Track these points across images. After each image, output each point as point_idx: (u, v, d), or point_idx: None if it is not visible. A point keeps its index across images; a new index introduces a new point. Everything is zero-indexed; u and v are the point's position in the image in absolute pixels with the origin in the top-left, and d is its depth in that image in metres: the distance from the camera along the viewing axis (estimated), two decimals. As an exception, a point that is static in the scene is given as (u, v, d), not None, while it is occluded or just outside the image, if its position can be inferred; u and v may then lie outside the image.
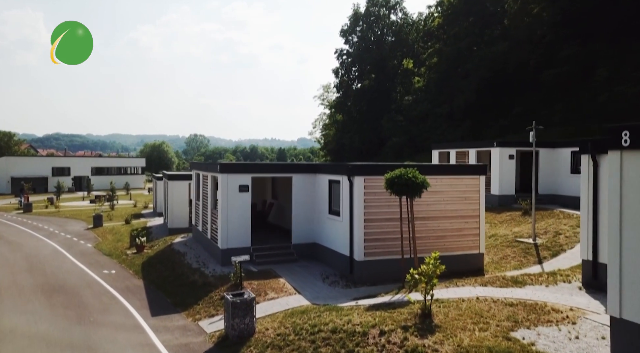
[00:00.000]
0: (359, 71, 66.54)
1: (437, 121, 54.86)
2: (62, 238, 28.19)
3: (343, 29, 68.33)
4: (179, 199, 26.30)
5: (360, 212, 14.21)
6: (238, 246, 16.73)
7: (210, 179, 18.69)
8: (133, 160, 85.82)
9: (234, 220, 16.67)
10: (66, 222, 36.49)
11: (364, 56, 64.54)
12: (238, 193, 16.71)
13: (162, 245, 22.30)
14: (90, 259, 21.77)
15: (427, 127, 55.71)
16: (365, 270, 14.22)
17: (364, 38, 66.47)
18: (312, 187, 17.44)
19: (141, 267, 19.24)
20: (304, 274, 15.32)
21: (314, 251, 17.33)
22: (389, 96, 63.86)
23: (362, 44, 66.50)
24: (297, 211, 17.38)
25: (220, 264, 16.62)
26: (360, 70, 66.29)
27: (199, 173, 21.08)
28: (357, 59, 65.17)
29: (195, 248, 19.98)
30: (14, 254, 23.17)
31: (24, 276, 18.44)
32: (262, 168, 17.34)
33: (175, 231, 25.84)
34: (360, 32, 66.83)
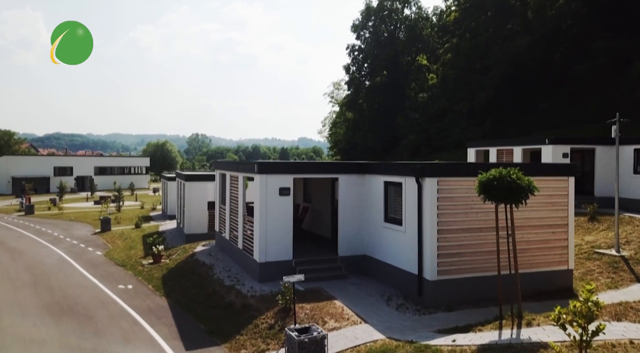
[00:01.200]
0: (371, 67, 64.02)
1: (456, 119, 52.37)
2: (68, 245, 25.72)
3: (354, 24, 65.84)
4: (197, 203, 23.82)
5: (433, 221, 11.76)
6: (278, 259, 14.27)
7: (242, 180, 16.21)
8: (137, 159, 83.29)
9: (273, 229, 14.20)
10: (71, 225, 34.02)
11: (377, 51, 62.06)
12: (278, 197, 14.24)
13: (182, 254, 19.83)
14: (102, 270, 19.30)
15: (445, 125, 53.24)
16: (439, 292, 11.77)
17: (377, 33, 63.97)
18: (362, 190, 14.98)
19: (162, 281, 16.78)
20: (360, 294, 12.86)
21: (365, 265, 14.87)
22: (403, 93, 61.41)
23: (374, 39, 64.01)
24: (345, 218, 14.92)
25: (258, 280, 14.16)
26: (372, 66, 63.76)
27: (225, 174, 18.61)
28: (370, 55, 62.67)
29: (222, 260, 17.51)
30: (15, 264, 20.70)
31: (27, 293, 15.96)
32: (304, 168, 14.89)
33: (193, 237, 23.37)
34: (373, 27, 64.33)
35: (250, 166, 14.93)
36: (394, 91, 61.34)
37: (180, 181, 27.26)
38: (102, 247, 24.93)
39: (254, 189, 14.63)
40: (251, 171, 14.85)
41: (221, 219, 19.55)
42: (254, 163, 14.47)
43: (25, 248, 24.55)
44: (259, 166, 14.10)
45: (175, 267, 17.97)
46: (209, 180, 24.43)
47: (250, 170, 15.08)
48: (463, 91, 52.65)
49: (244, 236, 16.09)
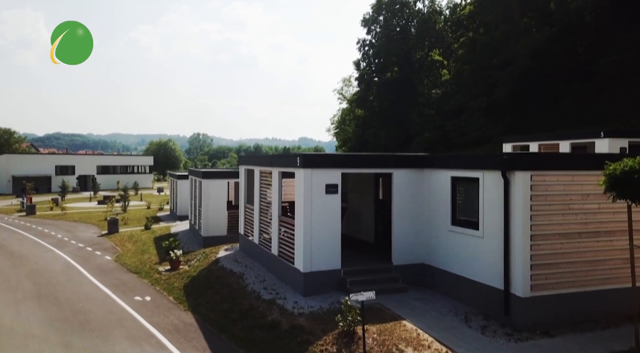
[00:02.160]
0: (382, 62, 61.83)
1: (474, 115, 50.23)
2: (74, 248, 23.55)
3: (365, 18, 63.73)
4: (216, 202, 21.67)
5: (525, 225, 9.62)
6: (325, 268, 12.12)
7: (277, 177, 14.05)
8: (140, 158, 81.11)
9: (319, 233, 12.05)
10: (75, 227, 31.86)
11: (389, 46, 59.87)
12: (324, 196, 12.09)
13: (203, 260, 17.68)
14: (114, 278, 17.14)
15: (462, 122, 51.08)
16: (532, 311, 9.62)
17: (388, 27, 61.84)
18: (421, 188, 12.82)
19: (184, 292, 14.62)
20: (430, 312, 10.72)
21: (424, 275, 12.72)
22: (415, 89, 59.31)
23: (385, 34, 61.87)
24: (400, 220, 12.76)
25: (302, 293, 12.00)
26: (383, 61, 61.58)
27: (254, 169, 16.46)
28: (381, 50, 60.47)
29: (252, 267, 15.36)
30: (16, 271, 18.54)
31: (30, 306, 13.80)
32: (354, 161, 12.66)
33: (211, 241, 21.22)
34: (384, 21, 62.20)
35: (291, 159, 12.76)
36: (406, 87, 59.21)
37: (194, 179, 25.11)
38: (110, 251, 22.78)
39: (296, 187, 12.47)
40: (291, 165, 12.70)
41: (248, 221, 17.41)
42: (295, 156, 12.31)
43: (27, 252, 22.40)
44: (303, 159, 11.94)
45: (199, 275, 15.81)
46: (228, 177, 22.31)
47: (289, 164, 12.93)
48: (480, 86, 50.52)
49: (279, 241, 13.94)
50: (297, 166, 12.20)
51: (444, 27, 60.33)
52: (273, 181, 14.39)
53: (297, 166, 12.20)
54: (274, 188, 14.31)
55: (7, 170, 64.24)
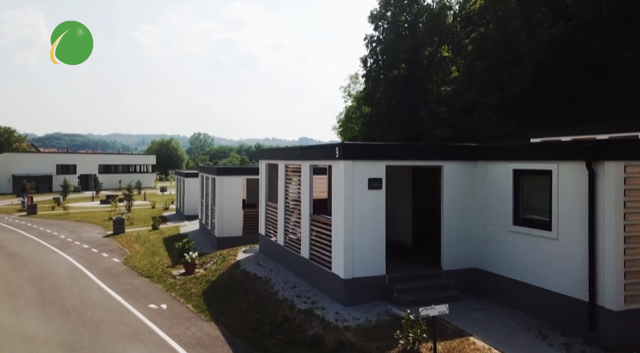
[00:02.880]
0: (390, 58, 60.33)
1: (486, 112, 48.78)
2: (79, 250, 22.05)
3: (372, 14, 62.24)
4: (231, 201, 20.18)
5: (617, 224, 8.14)
6: (369, 274, 10.64)
7: (308, 171, 12.57)
8: (143, 157, 79.57)
9: (362, 234, 10.57)
10: (79, 227, 30.35)
11: (397, 42, 58.38)
12: (367, 192, 10.62)
13: (221, 263, 16.20)
14: (124, 283, 15.65)
15: (474, 119, 49.61)
16: (627, 327, 8.15)
17: (396, 23, 60.35)
18: (474, 182, 11.34)
19: (204, 299, 13.13)
20: (496, 326, 9.24)
21: (476, 281, 11.24)
22: (424, 86, 57.86)
23: (393, 30, 60.39)
24: (451, 220, 11.28)
25: (343, 303, 10.51)
26: (391, 58, 60.08)
27: (278, 164, 14.98)
28: (390, 46, 59.00)
29: (278, 271, 13.87)
30: (18, 274, 17.04)
31: (33, 316, 12.31)
32: (402, 152, 11.12)
33: (225, 242, 19.77)
34: (392, 17, 60.71)
35: (326, 150, 11.26)
36: (414, 84, 57.77)
37: (206, 177, 23.61)
38: (118, 252, 21.28)
39: (334, 182, 10.99)
40: (326, 157, 11.22)
41: (270, 221, 15.93)
42: (333, 146, 10.82)
43: (29, 254, 20.89)
44: (344, 150, 10.45)
45: (219, 280, 14.31)
46: (243, 174, 20.84)
47: (324, 156, 11.44)
48: (492, 83, 49.07)
49: (311, 243, 12.46)
50: (335, 158, 10.72)
51: (453, 23, 58.89)
52: (303, 176, 12.90)
53: (335, 158, 10.72)
54: (304, 184, 12.82)
55: (8, 169, 62.69)
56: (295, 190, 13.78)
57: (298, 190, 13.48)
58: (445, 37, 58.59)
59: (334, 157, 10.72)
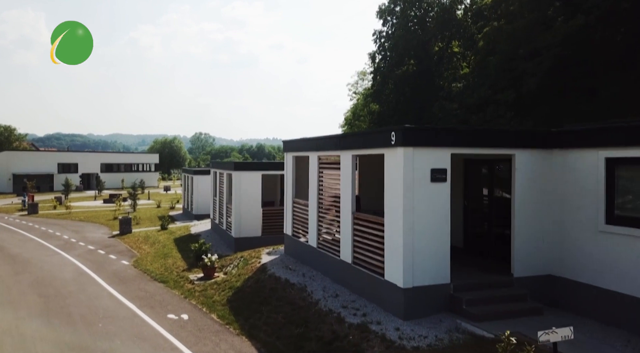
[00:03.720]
0: (399, 54, 58.68)
1: (500, 109, 47.16)
2: (84, 251, 20.43)
3: (380, 9, 60.48)
4: (250, 199, 18.57)
5: None
6: (431, 282, 9.02)
7: (350, 162, 10.95)
8: (145, 156, 77.88)
9: (423, 236, 8.95)
10: (82, 227, 28.73)
11: (407, 37, 56.73)
12: (429, 185, 9.00)
13: (243, 266, 14.58)
14: (136, 289, 14.03)
15: (488, 115, 47.99)
16: None
17: (405, 18, 58.72)
18: (551, 174, 9.73)
19: (229, 309, 11.51)
20: (604, 349, 7.63)
21: (552, 291, 9.62)
22: (434, 82, 56.29)
23: (402, 25, 58.75)
24: (523, 218, 9.67)
25: (403, 316, 8.88)
26: (400, 54, 58.45)
27: (309, 156, 13.35)
28: (399, 41, 57.33)
29: (312, 277, 12.25)
30: (18, 279, 15.42)
31: (37, 328, 10.69)
32: (469, 138, 9.42)
33: (244, 243, 18.17)
34: (401, 11, 59.07)
35: (380, 136, 9.61)
36: (424, 80, 56.21)
37: (220, 173, 21.99)
38: (126, 254, 19.66)
39: (388, 173, 9.38)
40: (379, 144, 9.59)
41: (299, 220, 14.31)
42: (388, 131, 9.19)
43: (30, 256, 19.28)
44: (404, 135, 8.81)
45: (245, 287, 12.68)
46: (262, 169, 19.23)
47: (375, 143, 9.81)
48: (506, 78, 47.52)
49: (354, 245, 10.84)
50: (390, 145, 9.10)
51: (464, 18, 57.27)
52: (343, 168, 11.28)
53: (390, 145, 9.10)
54: (345, 177, 11.20)
55: (8, 168, 61.00)
56: (332, 185, 12.16)
57: (336, 185, 11.86)
58: (457, 32, 57.03)
59: (389, 144, 9.11)
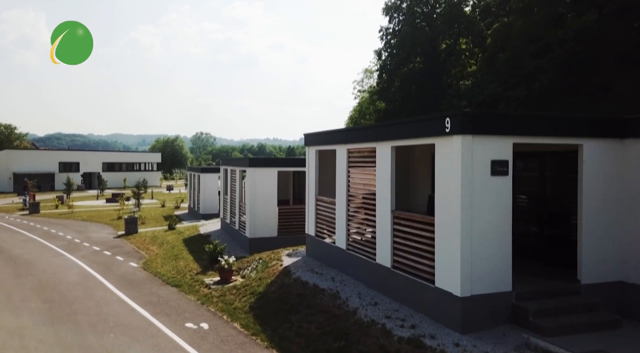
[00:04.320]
0: (406, 51, 57.58)
1: (511, 106, 46.03)
2: (89, 252, 19.31)
3: (387, 5, 59.43)
4: (265, 197, 17.46)
5: None
6: (492, 290, 7.89)
7: (389, 155, 9.81)
8: (147, 155, 76.71)
9: (483, 238, 7.84)
10: (86, 226, 27.61)
11: (414, 34, 55.64)
12: (490, 179, 7.89)
13: (263, 269, 13.44)
14: (148, 293, 12.90)
15: (499, 113, 46.93)
16: None
17: (412, 15, 57.64)
18: (622, 167, 8.62)
19: (253, 316, 10.37)
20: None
21: (623, 299, 8.50)
22: (441, 80, 55.18)
23: (409, 21, 57.67)
24: (592, 218, 8.54)
25: (460, 329, 7.76)
26: (407, 51, 57.34)
27: (335, 149, 12.23)
28: (407, 38, 56.24)
29: (343, 281, 11.12)
30: (20, 282, 14.29)
31: (42, 338, 9.55)
32: (533, 125, 8.20)
33: (259, 243, 17.06)
34: (407, 8, 57.99)
35: (431, 123, 8.48)
36: (431, 78, 55.11)
37: (232, 170, 20.88)
38: (134, 256, 18.53)
39: (440, 165, 8.25)
40: (429, 133, 8.46)
41: (323, 219, 13.19)
42: (442, 117, 8.05)
43: (33, 258, 18.15)
44: (462, 121, 7.69)
45: (268, 292, 11.55)
46: (277, 166, 18.11)
47: (424, 132, 8.68)
48: (517, 75, 46.40)
49: (395, 247, 9.71)
50: (443, 133, 7.98)
51: (472, 14, 56.18)
52: (380, 162, 10.15)
53: (443, 133, 7.98)
54: (383, 171, 10.07)
55: (8, 167, 59.84)
56: (365, 180, 11.03)
57: (370, 180, 10.74)
58: (465, 29, 55.94)
59: (442, 132, 7.98)
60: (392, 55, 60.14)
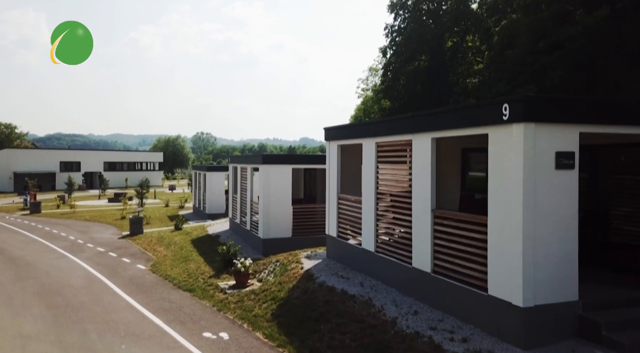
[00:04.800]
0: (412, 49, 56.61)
1: (520, 104, 45.07)
2: (93, 254, 18.37)
3: (392, 2, 58.42)
4: (279, 196, 16.53)
5: None
6: (556, 299, 6.95)
7: (429, 148, 8.87)
8: (149, 155, 75.68)
9: (548, 240, 6.91)
10: (89, 227, 26.67)
11: (420, 31, 54.69)
12: (554, 173, 6.97)
13: (281, 272, 12.50)
14: (160, 299, 11.95)
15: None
16: None
17: (418, 11, 56.69)
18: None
19: (277, 325, 9.42)
20: None
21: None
22: (447, 78, 54.25)
23: (414, 18, 56.71)
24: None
25: (522, 345, 6.80)
26: (413, 48, 56.38)
27: (362, 143, 11.28)
28: (413, 35, 55.28)
29: (374, 287, 10.18)
30: (22, 286, 13.34)
31: (46, 349, 8.62)
32: (602, 113, 7.16)
33: (273, 244, 16.13)
34: (413, 5, 57.02)
35: (486, 110, 7.54)
36: (438, 76, 54.18)
37: (242, 168, 19.94)
38: (141, 257, 17.59)
39: (496, 158, 7.31)
40: (483, 121, 7.52)
41: (346, 218, 12.26)
42: (500, 102, 7.12)
43: (34, 259, 17.21)
44: (524, 107, 6.74)
45: (291, 298, 10.59)
46: (291, 163, 17.16)
47: (476, 120, 7.74)
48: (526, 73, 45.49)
49: (435, 250, 8.77)
50: (500, 121, 7.04)
51: (479, 11, 55.24)
52: (417, 155, 9.21)
53: (500, 121, 7.04)
54: (420, 166, 9.13)
55: (9, 166, 58.84)
56: (399, 177, 10.10)
57: (404, 176, 9.81)
58: (472, 26, 55.03)
59: (499, 120, 7.05)
60: (397, 53, 59.20)
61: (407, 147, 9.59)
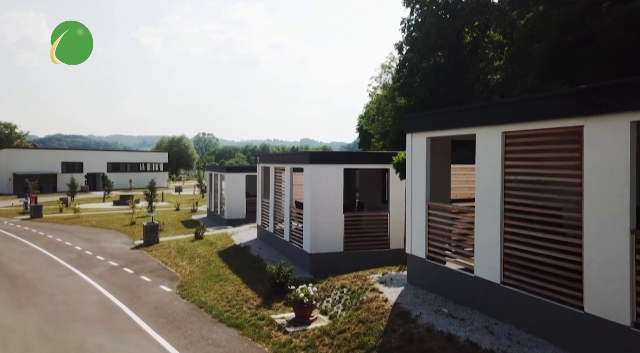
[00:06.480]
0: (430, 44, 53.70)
1: (550, 100, 42.21)
2: (106, 270, 15.38)
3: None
4: (329, 201, 13.58)
5: None
6: None
7: (625, 135, 5.93)
8: (154, 155, 72.51)
9: None
10: (96, 234, 23.68)
11: (440, 25, 51.79)
12: None
13: (356, 304, 9.53)
14: (200, 339, 8.97)
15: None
16: None
17: (435, 5, 53.79)
18: None
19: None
20: None
21: None
22: (468, 74, 51.38)
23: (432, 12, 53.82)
24: None
25: None
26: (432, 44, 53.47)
27: (476, 133, 8.33)
28: (431, 30, 52.36)
29: (505, 334, 7.25)
30: (20, 318, 10.34)
31: None
32: None
33: (322, 260, 13.21)
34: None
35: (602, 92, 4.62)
36: (457, 72, 51.30)
37: (278, 168, 16.97)
38: (162, 275, 14.61)
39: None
40: (603, 109, 4.59)
41: (440, 235, 9.30)
42: (627, 85, 4.18)
43: (36, 277, 14.24)
44: None
45: (388, 347, 7.61)
46: (342, 162, 14.18)
47: (598, 107, 4.81)
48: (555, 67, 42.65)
49: (638, 293, 5.83)
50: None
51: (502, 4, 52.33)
52: (595, 153, 6.28)
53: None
54: (603, 167, 6.20)
55: (8, 167, 55.72)
56: (548, 177, 7.17)
57: (570, 179, 6.87)
58: (493, 19, 52.16)
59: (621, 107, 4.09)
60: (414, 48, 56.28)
61: (571, 138, 6.65)
